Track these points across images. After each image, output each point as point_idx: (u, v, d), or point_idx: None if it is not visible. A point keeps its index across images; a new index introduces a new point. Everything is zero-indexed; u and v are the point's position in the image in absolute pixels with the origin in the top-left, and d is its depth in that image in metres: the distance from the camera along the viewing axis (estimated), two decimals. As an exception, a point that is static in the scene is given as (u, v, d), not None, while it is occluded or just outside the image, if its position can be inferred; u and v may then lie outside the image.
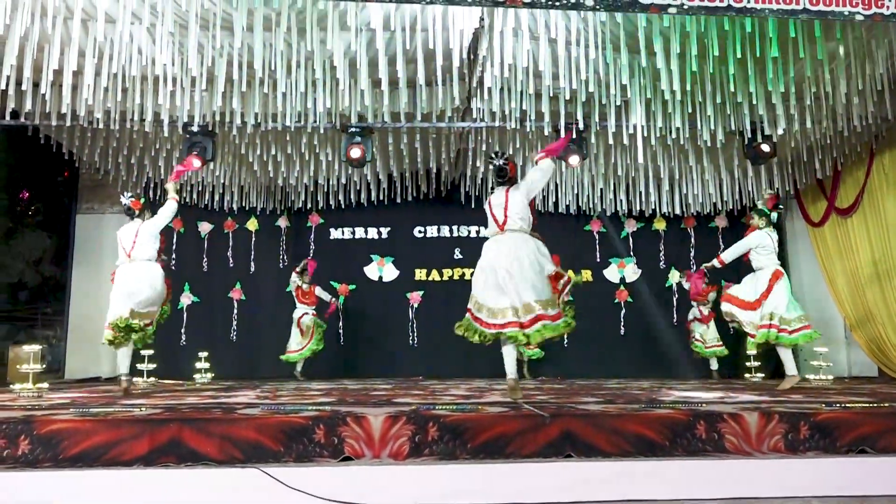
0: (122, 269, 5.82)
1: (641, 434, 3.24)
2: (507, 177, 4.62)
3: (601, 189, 9.05)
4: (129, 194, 6.20)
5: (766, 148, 7.20)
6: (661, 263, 9.82)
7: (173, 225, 9.58)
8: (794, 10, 4.33)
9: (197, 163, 6.80)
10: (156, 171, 8.62)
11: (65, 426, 3.08)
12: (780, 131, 6.94)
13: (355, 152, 7.12)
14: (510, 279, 4.24)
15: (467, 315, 4.47)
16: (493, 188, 4.77)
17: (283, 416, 3.26)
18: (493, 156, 4.69)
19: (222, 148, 7.94)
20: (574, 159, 7.26)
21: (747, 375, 8.03)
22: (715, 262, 6.45)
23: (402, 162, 8.66)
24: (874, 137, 7.55)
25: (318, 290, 8.83)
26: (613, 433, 3.24)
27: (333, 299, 9.05)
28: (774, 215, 6.34)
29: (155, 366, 7.27)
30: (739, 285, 6.31)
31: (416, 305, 9.66)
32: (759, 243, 6.14)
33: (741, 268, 6.75)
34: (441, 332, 9.58)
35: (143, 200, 6.12)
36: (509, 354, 4.45)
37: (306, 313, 8.59)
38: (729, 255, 6.35)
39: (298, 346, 8.54)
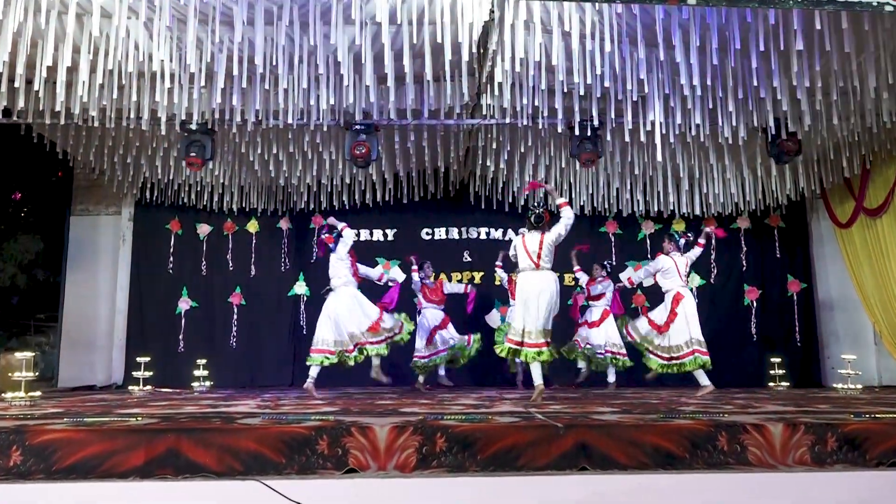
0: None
1: (660, 446, 3.14)
2: (542, 223, 5.59)
3: (617, 189, 8.90)
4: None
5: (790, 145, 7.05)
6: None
7: (171, 227, 9.45)
8: (819, 2, 4.25)
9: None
10: (152, 171, 8.50)
11: (58, 436, 3.02)
12: (805, 128, 6.73)
13: (360, 150, 6.96)
14: (539, 308, 5.39)
15: (509, 344, 5.53)
16: (528, 229, 5.68)
17: (284, 427, 3.18)
18: (534, 206, 5.97)
19: (222, 147, 7.84)
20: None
21: (771, 384, 7.77)
22: (625, 283, 7.27)
23: (409, 161, 8.56)
24: (904, 134, 7.30)
25: (447, 286, 8.26)
26: (630, 445, 3.14)
27: (467, 285, 8.47)
28: (682, 242, 6.90)
29: (152, 374, 7.08)
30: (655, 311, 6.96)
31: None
32: (663, 267, 6.75)
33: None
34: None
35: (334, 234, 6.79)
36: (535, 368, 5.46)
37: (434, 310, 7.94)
38: (636, 276, 7.09)
39: (428, 351, 7.78)
